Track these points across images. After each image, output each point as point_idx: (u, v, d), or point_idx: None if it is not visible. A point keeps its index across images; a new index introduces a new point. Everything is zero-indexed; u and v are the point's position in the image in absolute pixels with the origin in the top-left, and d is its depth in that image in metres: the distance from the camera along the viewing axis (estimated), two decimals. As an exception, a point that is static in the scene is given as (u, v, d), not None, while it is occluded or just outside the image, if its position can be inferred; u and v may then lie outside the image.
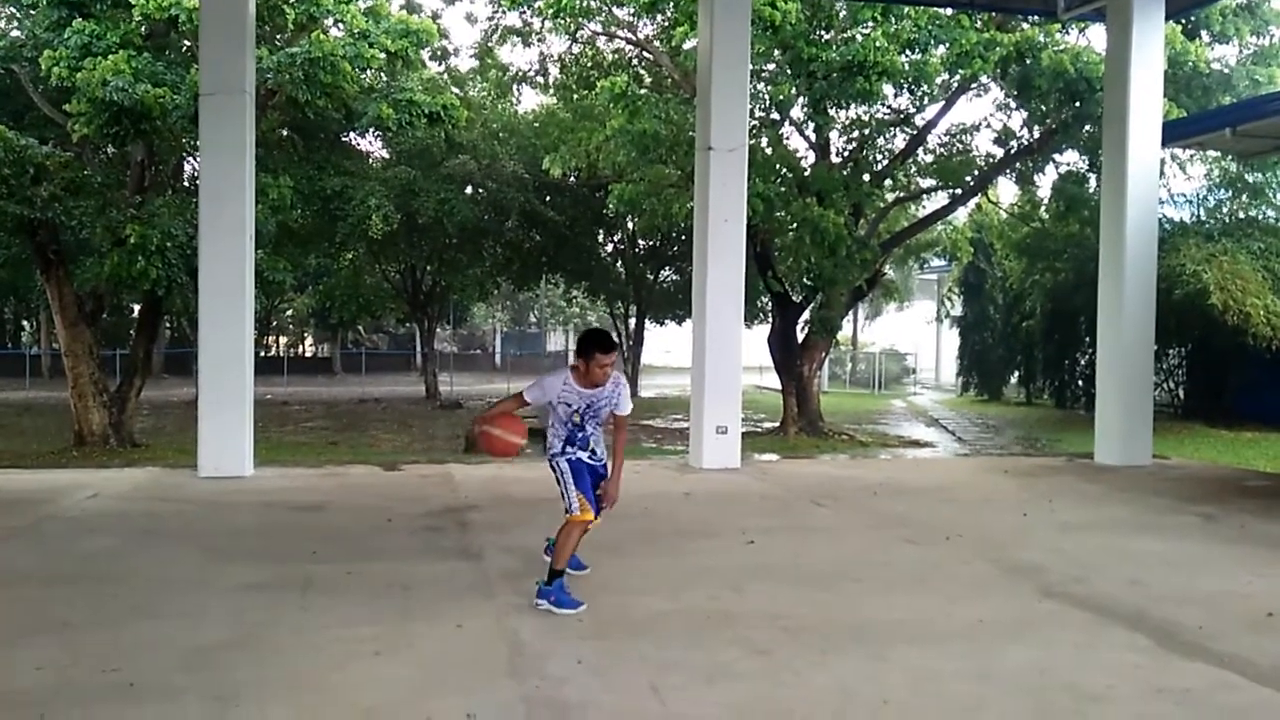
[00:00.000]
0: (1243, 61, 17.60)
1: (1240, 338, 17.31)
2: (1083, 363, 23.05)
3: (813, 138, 19.60)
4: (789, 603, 5.41)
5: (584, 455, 5.50)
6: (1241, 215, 19.77)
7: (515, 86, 24.29)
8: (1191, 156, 18.72)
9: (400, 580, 5.71)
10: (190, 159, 17.67)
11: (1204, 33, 17.07)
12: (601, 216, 26.10)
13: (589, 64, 21.81)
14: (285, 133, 19.58)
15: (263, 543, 6.87)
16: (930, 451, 17.72)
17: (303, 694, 4.03)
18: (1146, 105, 11.55)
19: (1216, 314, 17.02)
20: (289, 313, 46.35)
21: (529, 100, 41.17)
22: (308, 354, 55.36)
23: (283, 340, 53.45)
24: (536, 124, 25.46)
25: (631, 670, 4.31)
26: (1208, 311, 17.05)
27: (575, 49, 22.01)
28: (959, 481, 10.44)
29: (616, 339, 7.85)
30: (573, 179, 25.30)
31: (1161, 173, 18.17)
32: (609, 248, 31.79)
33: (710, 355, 10.83)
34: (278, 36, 16.96)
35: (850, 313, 26.42)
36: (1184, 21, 16.34)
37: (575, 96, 21.78)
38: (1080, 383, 23.54)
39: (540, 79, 23.34)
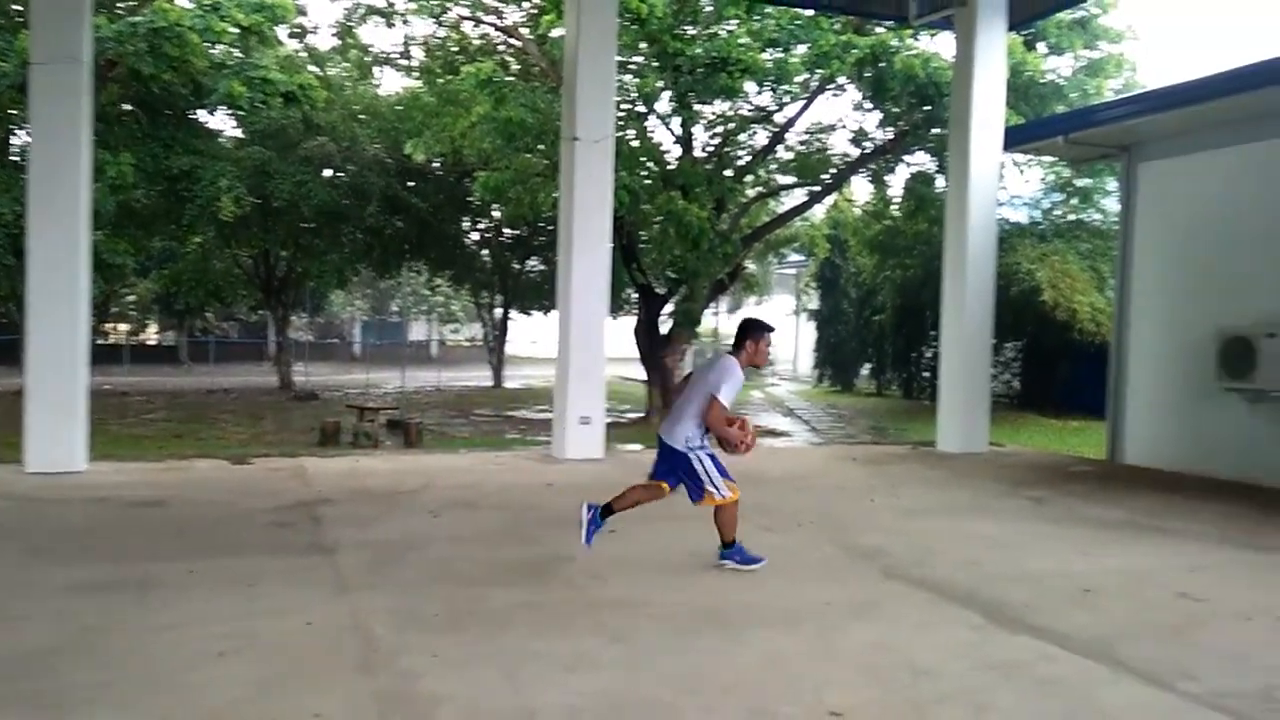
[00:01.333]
0: (1075, 73, 18.80)
1: (1068, 333, 18.53)
2: (928, 355, 24.16)
3: (678, 132, 19.85)
4: (650, 590, 5.51)
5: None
6: (1072, 218, 21.15)
7: (377, 68, 23.64)
8: (1029, 161, 19.89)
9: (247, 577, 5.51)
10: (19, 131, 16.46)
11: (1042, 44, 18.15)
12: (467, 204, 25.71)
13: (454, 48, 21.43)
14: (127, 107, 18.48)
15: (96, 541, 6.49)
16: (786, 441, 18.27)
17: (141, 698, 3.85)
18: (989, 111, 12.22)
19: (1047, 310, 18.17)
20: (131, 298, 43.82)
21: (391, 82, 40.08)
22: (151, 342, 52.50)
23: (123, 327, 50.51)
24: (399, 107, 24.81)
25: (488, 662, 4.30)
26: (1040, 308, 18.18)
27: (440, 32, 21.60)
28: (812, 470, 10.82)
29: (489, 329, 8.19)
30: (437, 165, 24.82)
31: (1002, 176, 19.29)
32: (475, 236, 31.35)
33: (574, 345, 10.86)
34: (118, 4, 15.98)
35: (712, 305, 26.89)
36: (1024, 33, 17.31)
37: (440, 81, 21.36)
38: (926, 374, 24.68)
39: (403, 61, 22.81)
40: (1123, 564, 6.44)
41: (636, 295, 21.63)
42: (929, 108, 17.20)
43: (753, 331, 6.05)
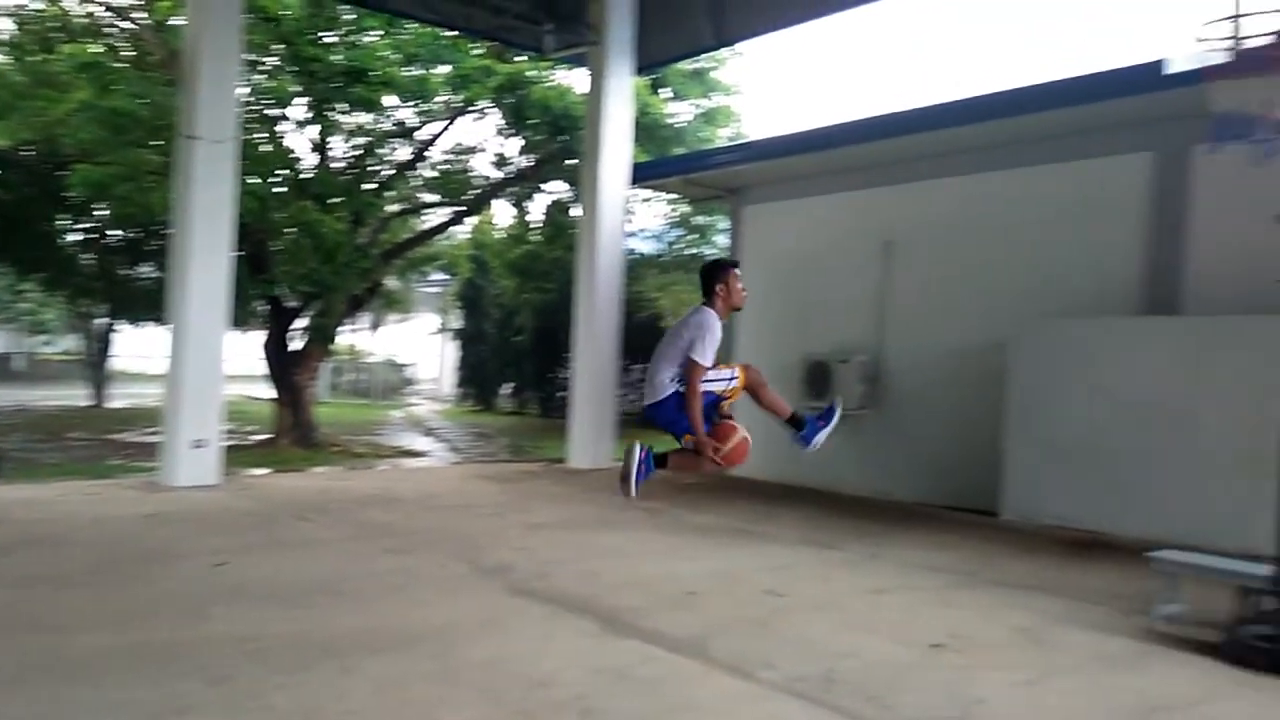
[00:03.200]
0: (694, 119, 20.58)
1: (688, 356, 20.21)
2: (563, 375, 25.08)
3: (315, 139, 19.01)
4: (259, 624, 5.18)
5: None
6: (691, 252, 23.09)
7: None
8: (654, 196, 21.42)
9: None
10: None
11: (666, 90, 19.67)
12: (64, 200, 22.70)
13: (54, 24, 18.92)
14: None
15: None
16: (424, 461, 18.07)
17: None
18: (618, 147, 13.01)
19: (671, 335, 19.67)
20: None
21: (-31, 54, 34.47)
22: None
23: None
24: (-22, 84, 21.40)
25: (61, 718, 3.81)
26: (661, 333, 19.62)
27: (37, 5, 18.97)
28: (447, 489, 10.80)
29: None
30: (27, 152, 21.69)
31: (630, 209, 20.56)
32: (76, 236, 27.72)
33: (189, 361, 10.00)
34: None
35: (350, 322, 26.00)
36: (650, 77, 18.65)
37: (32, 59, 18.73)
38: (561, 394, 25.60)
39: (-12, 32, 19.71)
40: (721, 566, 7.09)
41: (267, 308, 20.34)
42: (565, 138, 17.95)
43: (718, 272, 5.61)
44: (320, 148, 19.09)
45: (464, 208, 21.27)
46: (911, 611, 6.03)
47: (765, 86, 47.46)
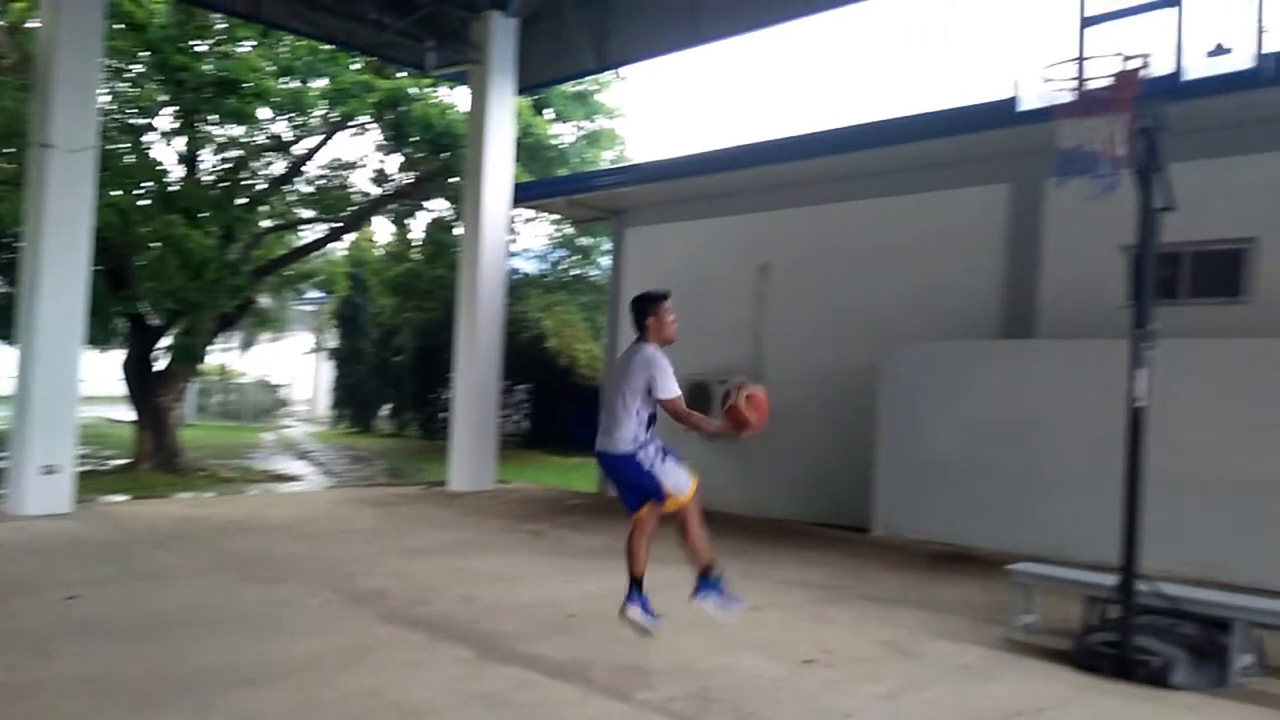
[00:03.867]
0: (577, 141, 20.65)
1: (570, 376, 20.15)
2: (446, 396, 24.73)
3: (183, 151, 18.26)
4: (110, 661, 4.90)
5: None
6: (575, 272, 23.12)
7: None
8: (537, 216, 21.38)
9: None
10: None
11: (549, 110, 19.68)
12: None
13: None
14: None
15: None
16: (297, 485, 17.47)
17: None
18: (500, 166, 12.96)
19: (553, 356, 19.61)
20: None
21: None
22: None
23: None
24: None
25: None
26: (546, 353, 19.57)
27: None
28: (320, 514, 10.48)
29: None
30: None
31: (514, 229, 20.48)
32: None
33: (39, 381, 9.45)
34: None
35: (219, 341, 25.02)
36: (533, 98, 18.64)
37: None
38: (443, 415, 25.20)
39: None
40: (601, 588, 7.06)
41: (128, 326, 19.36)
42: (447, 156, 17.75)
43: (648, 306, 5.40)
44: (189, 160, 18.35)
45: (342, 224, 20.76)
46: (785, 628, 6.15)
47: (650, 110, 48.11)
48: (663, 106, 47.72)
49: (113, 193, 14.05)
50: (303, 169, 19.65)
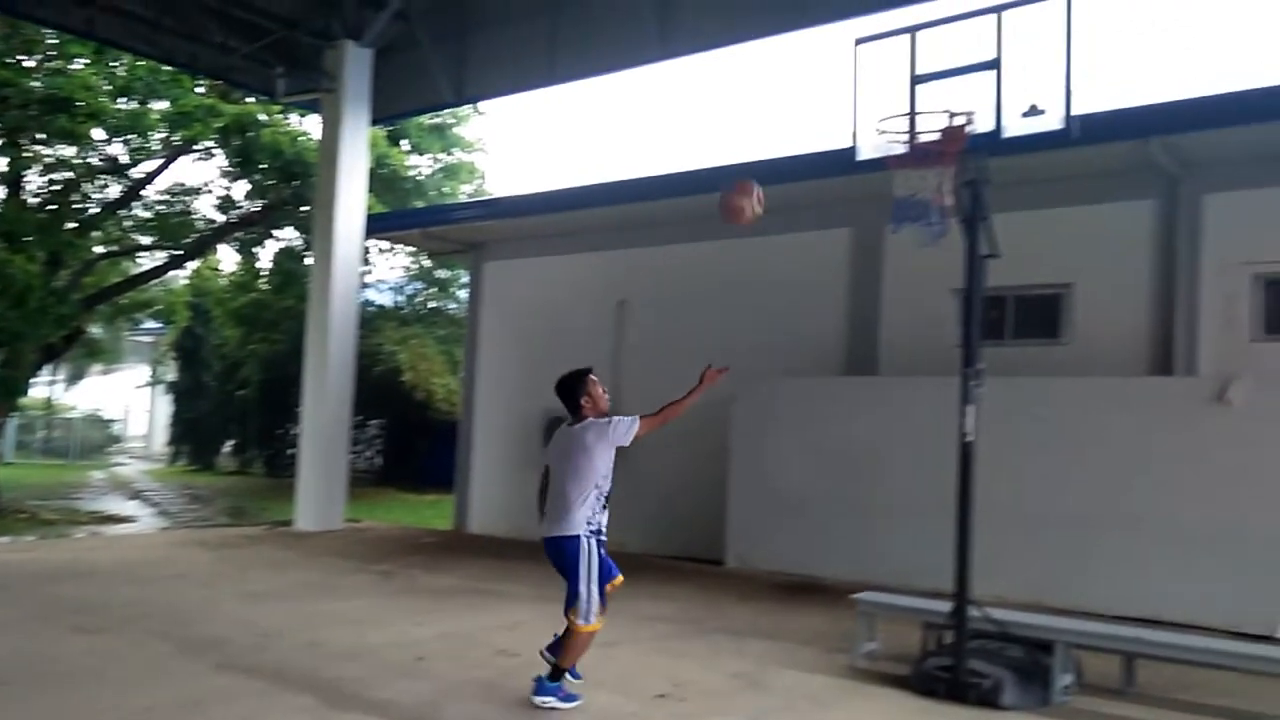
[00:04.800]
0: (435, 173, 20.47)
1: (427, 411, 19.78)
2: (294, 432, 23.82)
3: (5, 171, 17.10)
4: (-95, 725, 4.49)
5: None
6: (433, 305, 22.78)
7: None
8: (393, 248, 21.02)
9: None
10: None
11: (405, 142, 19.45)
12: None
13: None
14: None
15: None
16: (129, 527, 16.43)
17: None
18: (353, 196, 12.67)
19: (408, 390, 19.22)
20: None
21: None
22: None
23: None
24: None
25: None
26: (401, 387, 19.16)
27: None
28: (154, 558, 9.89)
29: None
30: None
31: (368, 260, 20.05)
32: None
33: None
34: None
35: (44, 373, 23.39)
36: (388, 128, 18.38)
37: None
38: (290, 451, 24.25)
39: None
40: (454, 628, 6.95)
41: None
42: (297, 184, 17.27)
43: (577, 385, 5.32)
44: (11, 181, 17.20)
45: (183, 252, 19.85)
46: (638, 663, 6.18)
47: (512, 145, 48.07)
48: (525, 142, 47.87)
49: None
50: (141, 193, 18.73)
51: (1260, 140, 8.22)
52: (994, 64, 5.51)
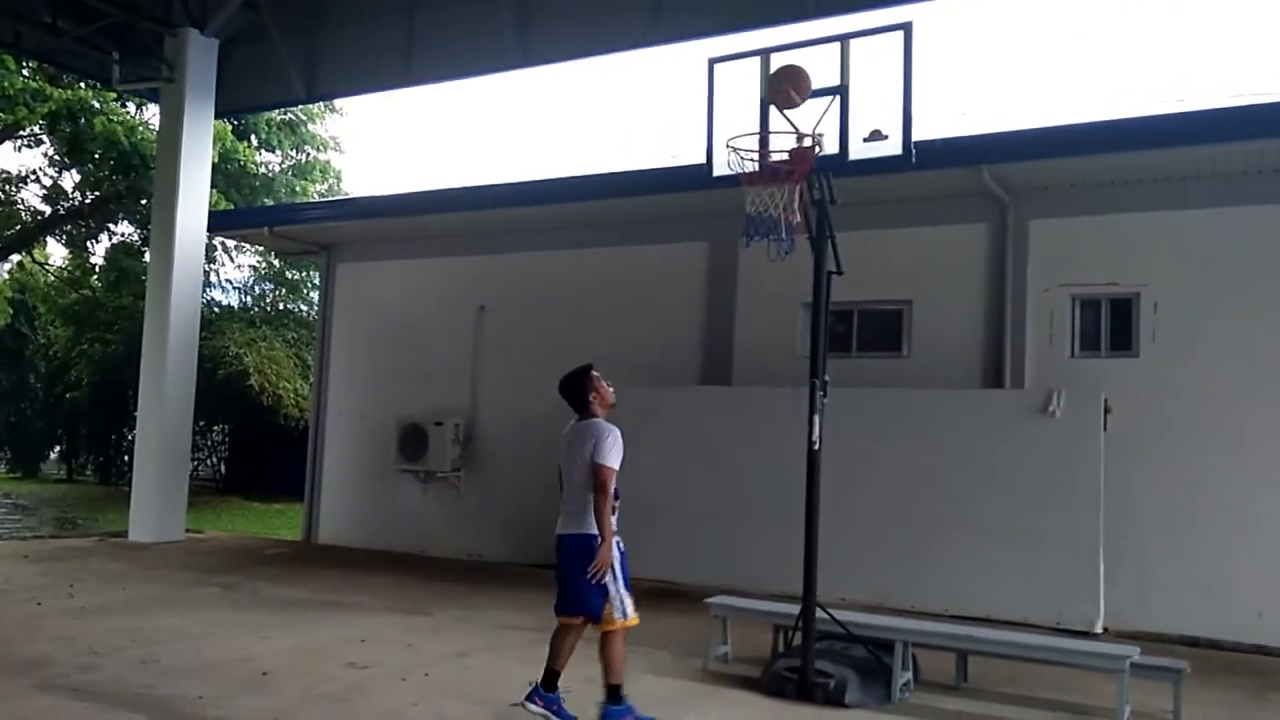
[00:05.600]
0: (285, 170, 19.74)
1: (275, 418, 19.01)
2: (130, 438, 22.46)
3: None
4: None
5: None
6: (282, 306, 21.91)
7: None
8: (239, 246, 20.13)
9: None
10: None
11: (253, 137, 18.68)
12: None
13: None
14: None
15: None
16: (-63, 541, 15.15)
17: None
18: (195, 191, 12.07)
19: (255, 395, 18.42)
20: None
21: None
22: None
23: None
24: None
25: None
26: (248, 392, 18.34)
27: None
28: (-34, 574, 9.17)
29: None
30: None
31: (212, 258, 19.16)
32: None
33: None
34: None
35: None
36: (235, 122, 17.61)
37: None
38: (126, 458, 22.84)
39: None
40: (301, 642, 6.74)
41: None
42: (135, 176, 16.35)
43: (582, 382, 5.11)
44: None
45: (3, 244, 18.48)
46: (494, 671, 6.15)
47: (372, 147, 46.72)
48: (386, 144, 46.73)
49: None
50: (-44, 180, 17.36)
51: (1077, 171, 8.89)
52: (841, 90, 5.78)
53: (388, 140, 46.95)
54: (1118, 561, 8.25)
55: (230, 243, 19.11)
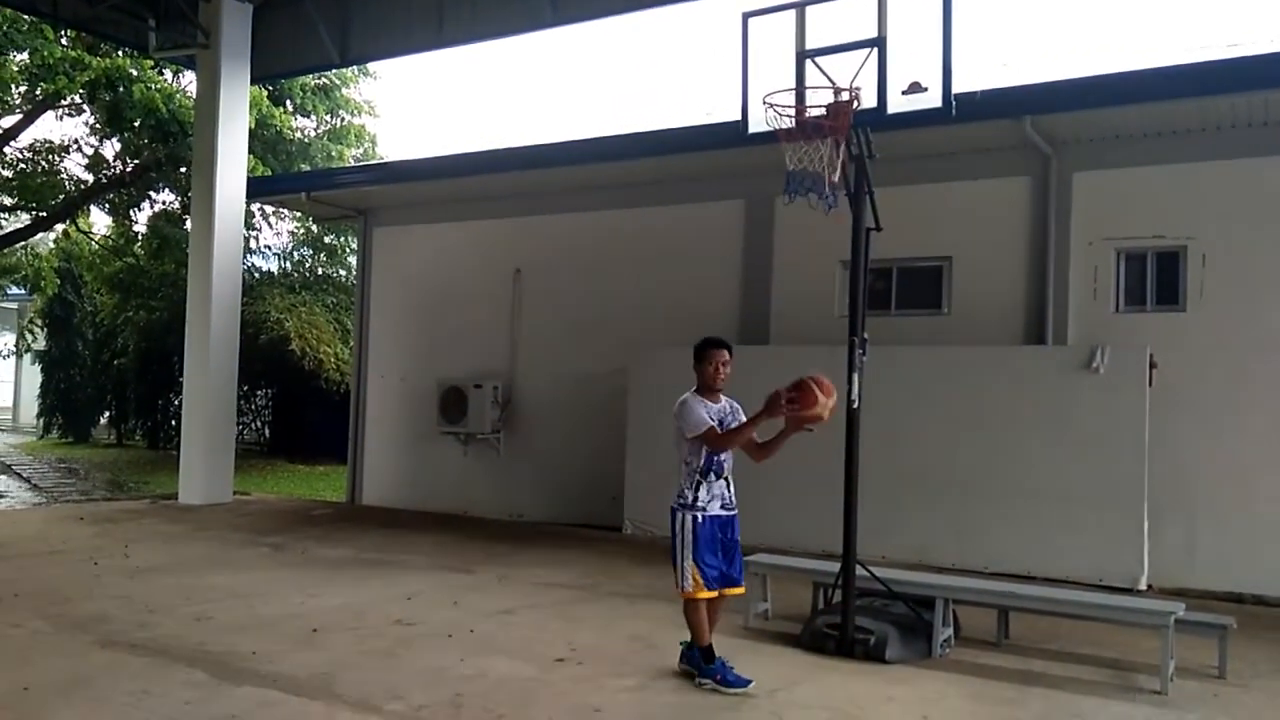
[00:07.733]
0: (320, 135, 19.79)
1: (316, 381, 19.27)
2: (176, 403, 22.85)
3: None
4: None
5: (718, 505, 5.19)
6: (321, 272, 22.09)
7: None
8: (278, 213, 20.28)
9: None
10: None
11: (289, 102, 18.73)
12: None
13: None
14: None
15: None
16: (-3, 503, 15.63)
17: None
18: (233, 158, 12.16)
19: (296, 359, 18.67)
20: None
21: None
22: None
23: None
24: None
25: None
26: (289, 356, 18.59)
27: None
28: (27, 534, 9.47)
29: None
30: None
31: (252, 224, 19.31)
32: None
33: None
34: None
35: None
36: (270, 88, 17.66)
37: None
38: (173, 423, 23.31)
39: None
40: (349, 599, 6.89)
41: None
42: (173, 144, 16.49)
43: (697, 354, 5.33)
44: None
45: (48, 213, 18.78)
46: (537, 628, 6.25)
47: (407, 109, 46.74)
48: (421, 106, 46.69)
49: None
50: (1, 151, 17.62)
51: (1122, 122, 8.68)
52: (879, 42, 5.68)
53: (422, 104, 46.90)
54: (1162, 518, 8.18)
55: (269, 209, 19.26)
